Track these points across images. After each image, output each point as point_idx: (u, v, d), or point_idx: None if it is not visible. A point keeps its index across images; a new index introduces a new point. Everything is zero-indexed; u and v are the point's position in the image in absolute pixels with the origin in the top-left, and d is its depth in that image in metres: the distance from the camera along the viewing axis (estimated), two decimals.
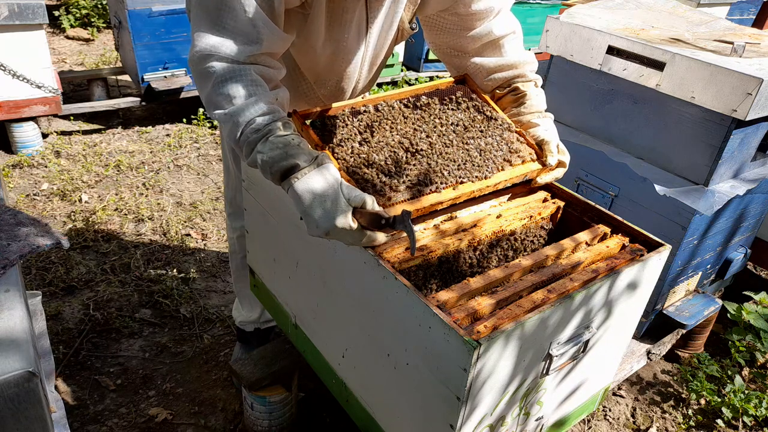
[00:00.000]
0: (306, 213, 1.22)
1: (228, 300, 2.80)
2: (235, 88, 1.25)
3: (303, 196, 1.21)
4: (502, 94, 1.63)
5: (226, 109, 1.26)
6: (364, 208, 1.21)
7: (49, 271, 2.82)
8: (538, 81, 1.63)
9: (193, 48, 1.27)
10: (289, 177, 1.23)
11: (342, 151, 1.39)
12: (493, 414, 1.24)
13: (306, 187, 1.21)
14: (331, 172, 1.24)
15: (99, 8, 6.32)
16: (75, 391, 2.25)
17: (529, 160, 1.50)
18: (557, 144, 1.53)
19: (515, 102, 1.60)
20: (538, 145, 1.53)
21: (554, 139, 1.53)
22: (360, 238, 1.22)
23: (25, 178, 3.61)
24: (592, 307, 1.28)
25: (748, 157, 2.14)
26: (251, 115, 1.25)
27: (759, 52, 2.12)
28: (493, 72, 1.62)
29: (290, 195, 1.25)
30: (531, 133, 1.55)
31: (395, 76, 5.28)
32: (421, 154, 1.42)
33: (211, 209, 3.49)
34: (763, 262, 2.94)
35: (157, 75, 4.18)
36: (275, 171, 1.24)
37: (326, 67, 1.57)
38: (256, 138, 1.26)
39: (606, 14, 2.44)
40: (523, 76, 1.61)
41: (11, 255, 1.16)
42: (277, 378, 1.95)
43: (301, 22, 1.43)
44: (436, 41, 1.67)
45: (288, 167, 1.23)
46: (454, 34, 1.61)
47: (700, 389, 2.40)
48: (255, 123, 1.25)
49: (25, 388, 0.99)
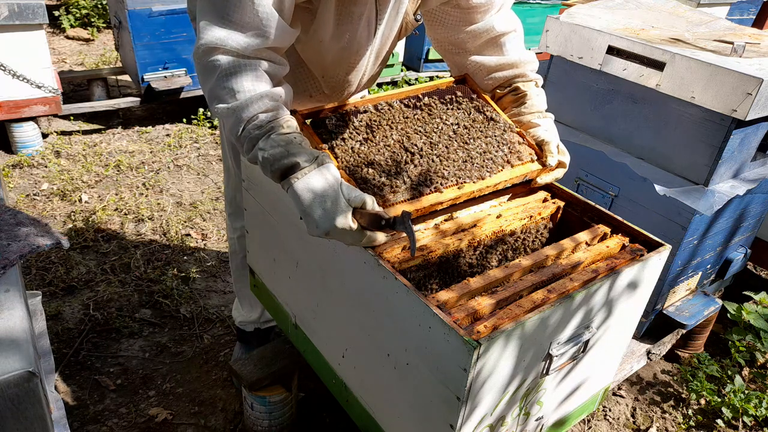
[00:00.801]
0: (306, 213, 1.22)
1: (228, 300, 2.80)
2: (240, 83, 1.25)
3: (303, 195, 1.21)
4: (502, 94, 1.63)
5: (229, 103, 1.25)
6: (364, 208, 1.21)
7: (49, 271, 2.82)
8: (539, 81, 1.63)
9: (198, 40, 1.26)
10: (289, 176, 1.23)
11: (342, 150, 1.39)
12: (493, 414, 1.24)
13: (306, 186, 1.21)
14: (331, 171, 1.24)
15: (99, 8, 6.32)
16: (75, 391, 2.25)
17: (529, 161, 1.50)
18: (557, 144, 1.53)
19: (516, 102, 1.60)
20: (539, 145, 1.53)
21: (554, 140, 1.53)
22: (360, 238, 1.22)
23: (25, 178, 3.61)
24: (592, 307, 1.28)
25: (748, 157, 2.14)
26: (254, 111, 1.25)
27: (759, 52, 2.12)
28: (493, 71, 1.62)
29: (290, 195, 1.25)
30: (531, 133, 1.55)
31: (395, 76, 5.28)
32: (421, 154, 1.42)
33: (211, 209, 3.49)
34: (763, 262, 2.94)
35: (157, 75, 4.18)
36: (275, 169, 1.23)
37: (334, 60, 1.56)
38: (258, 135, 1.25)
39: (606, 14, 2.44)
40: (523, 76, 1.61)
41: (11, 255, 1.16)
42: (277, 378, 1.95)
43: (306, 16, 1.42)
44: (438, 37, 1.67)
45: (288, 165, 1.22)
46: (456, 29, 1.61)
47: (700, 389, 2.40)
48: (258, 119, 1.25)
49: (25, 388, 0.99)
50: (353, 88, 1.68)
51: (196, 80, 4.34)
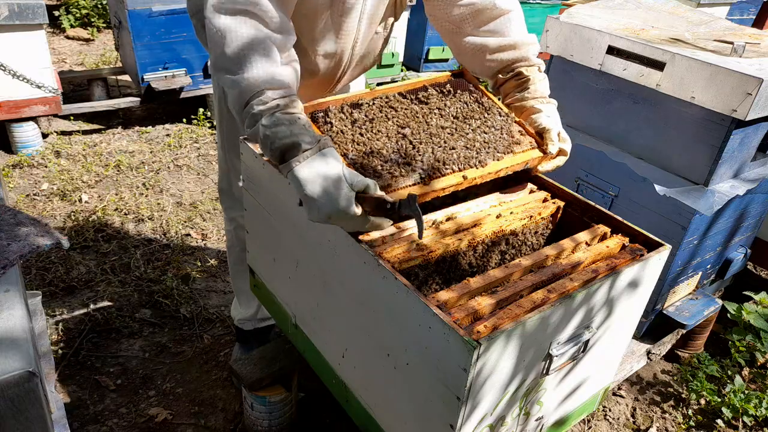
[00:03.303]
0: (307, 197, 1.18)
1: (228, 300, 2.80)
2: (249, 55, 1.22)
3: (304, 179, 1.18)
4: (504, 79, 1.60)
5: (236, 75, 1.22)
6: (367, 192, 1.19)
7: (49, 271, 2.82)
8: (542, 66, 1.60)
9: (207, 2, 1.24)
10: (290, 160, 1.20)
11: (342, 141, 1.39)
12: (493, 414, 1.24)
13: (308, 170, 1.18)
14: (334, 155, 1.21)
15: (99, 8, 6.32)
16: (75, 391, 2.25)
17: (530, 148, 1.49)
18: (558, 132, 1.51)
19: (519, 87, 1.57)
20: (539, 133, 1.51)
21: (555, 127, 1.51)
22: (363, 223, 1.19)
23: (25, 178, 3.61)
24: (592, 307, 1.28)
25: (748, 157, 2.14)
26: (261, 86, 1.22)
27: (759, 52, 2.12)
28: (494, 52, 1.58)
29: (290, 178, 1.21)
30: (533, 119, 1.53)
31: (395, 76, 5.28)
32: (421, 142, 1.41)
33: (211, 209, 3.49)
34: (763, 262, 2.94)
35: (157, 75, 4.17)
36: (276, 147, 1.20)
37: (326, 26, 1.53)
38: (262, 110, 1.22)
39: (606, 14, 2.44)
40: (526, 60, 1.58)
41: (11, 255, 1.16)
42: (277, 378, 1.95)
43: None
44: (436, 13, 1.62)
45: (290, 145, 1.19)
46: (455, 5, 1.56)
47: (700, 389, 2.40)
48: (264, 95, 1.22)
49: (25, 388, 0.99)
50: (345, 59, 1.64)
51: (196, 80, 4.34)
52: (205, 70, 4.36)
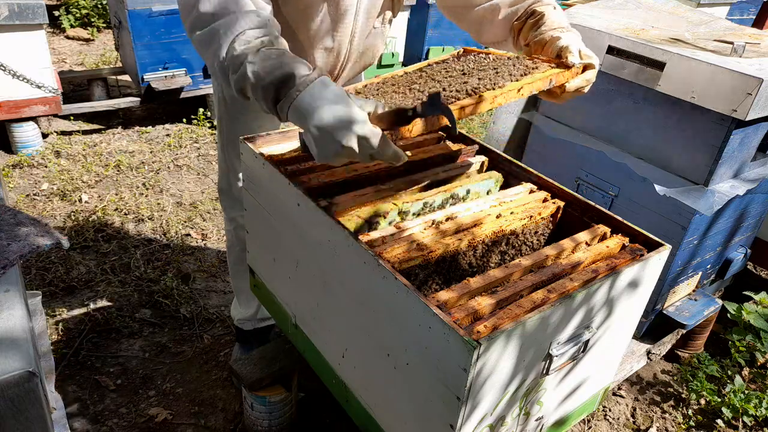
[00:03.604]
0: (317, 126, 1.05)
1: (228, 300, 2.80)
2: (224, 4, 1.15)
3: (309, 106, 1.05)
4: (521, 25, 1.55)
5: (211, 24, 1.14)
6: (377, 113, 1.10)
7: (49, 271, 2.82)
8: (555, 5, 1.56)
9: None
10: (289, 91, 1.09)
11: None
12: (493, 414, 1.24)
13: (311, 98, 1.06)
14: (334, 84, 1.11)
15: (99, 8, 6.32)
16: (75, 391, 2.25)
17: (549, 69, 1.44)
18: (579, 49, 1.42)
19: (535, 25, 1.52)
20: (558, 56, 1.43)
21: (575, 44, 1.42)
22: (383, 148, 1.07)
23: (25, 178, 3.61)
24: (592, 307, 1.28)
25: (748, 157, 2.14)
26: (242, 27, 1.14)
27: (759, 52, 2.12)
28: (507, 6, 1.55)
29: (291, 114, 1.10)
30: (550, 48, 1.46)
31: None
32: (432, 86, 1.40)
33: (211, 209, 3.49)
34: (763, 262, 2.94)
35: (157, 75, 4.18)
36: (268, 83, 1.09)
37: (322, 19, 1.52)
38: (246, 50, 1.12)
39: (606, 14, 2.44)
40: (538, 2, 1.55)
41: (11, 255, 1.16)
42: (277, 378, 1.95)
43: None
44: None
45: (284, 76, 1.09)
46: None
47: (700, 389, 2.40)
48: (246, 35, 1.14)
49: (25, 388, 0.99)
50: (342, 56, 1.64)
51: (196, 80, 4.34)
52: (204, 70, 4.36)
